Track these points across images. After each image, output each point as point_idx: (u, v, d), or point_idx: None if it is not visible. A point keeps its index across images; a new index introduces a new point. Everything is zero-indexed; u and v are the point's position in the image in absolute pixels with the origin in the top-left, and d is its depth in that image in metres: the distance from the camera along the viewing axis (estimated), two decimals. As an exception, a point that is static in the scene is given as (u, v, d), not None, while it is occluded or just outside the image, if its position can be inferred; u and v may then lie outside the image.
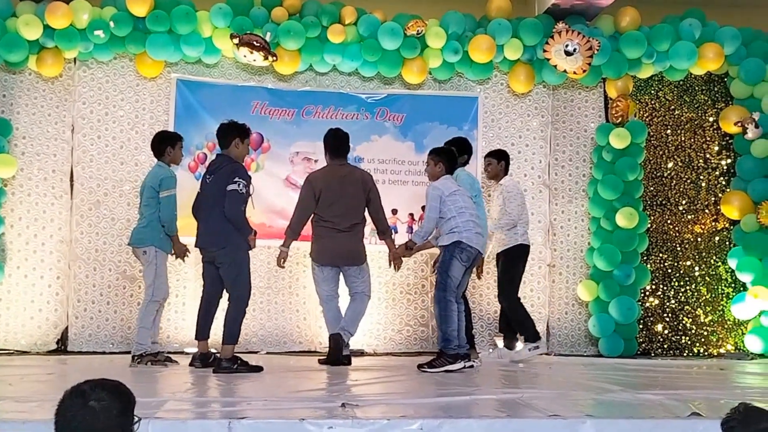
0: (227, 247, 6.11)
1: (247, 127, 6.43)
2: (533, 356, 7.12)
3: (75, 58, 7.93)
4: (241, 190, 6.06)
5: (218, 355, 6.20)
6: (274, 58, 7.70)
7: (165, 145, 6.61)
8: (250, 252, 6.26)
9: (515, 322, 7.27)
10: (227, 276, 6.16)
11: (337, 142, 6.95)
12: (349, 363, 6.61)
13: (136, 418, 2.56)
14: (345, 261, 6.83)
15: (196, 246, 6.40)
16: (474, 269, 6.78)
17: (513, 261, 7.24)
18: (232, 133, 6.29)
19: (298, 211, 6.89)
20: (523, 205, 7.29)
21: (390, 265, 6.97)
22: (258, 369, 6.04)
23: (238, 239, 6.14)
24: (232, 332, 6.08)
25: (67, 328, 7.86)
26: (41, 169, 7.93)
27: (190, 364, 6.25)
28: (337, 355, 6.56)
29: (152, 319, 6.49)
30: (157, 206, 6.43)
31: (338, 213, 6.74)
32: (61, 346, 7.84)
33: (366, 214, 6.93)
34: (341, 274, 6.92)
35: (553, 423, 3.72)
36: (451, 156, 6.59)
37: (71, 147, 7.98)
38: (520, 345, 7.34)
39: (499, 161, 7.45)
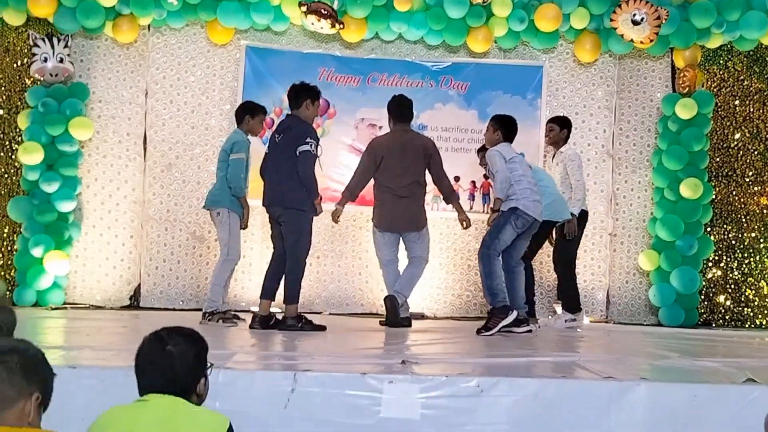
0: (293, 208, 6.20)
1: (318, 89, 6.50)
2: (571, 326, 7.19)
3: (149, 25, 8.16)
4: (313, 150, 6.14)
5: (279, 317, 6.32)
6: (341, 26, 7.82)
7: (245, 113, 6.76)
8: (314, 217, 6.36)
9: (562, 287, 7.39)
10: (288, 236, 6.25)
11: (400, 108, 7.01)
12: (410, 325, 6.75)
13: (209, 364, 2.75)
14: (405, 227, 6.91)
15: (263, 205, 6.52)
16: (547, 237, 6.98)
17: (576, 226, 7.31)
18: (304, 94, 6.35)
19: (357, 174, 7.02)
20: (581, 171, 7.38)
21: (462, 225, 7.06)
22: (321, 328, 6.20)
23: (304, 202, 6.21)
24: (293, 292, 6.22)
25: (139, 285, 8.18)
26: (116, 132, 8.21)
27: (251, 326, 6.24)
28: (394, 316, 6.64)
29: (226, 278, 6.65)
30: (227, 169, 6.59)
31: (399, 179, 6.81)
32: (134, 302, 8.17)
33: (429, 180, 7.00)
34: (401, 238, 7.02)
35: (608, 385, 3.82)
36: (510, 125, 6.63)
37: (144, 111, 8.23)
38: (559, 310, 7.48)
39: (561, 128, 7.50)
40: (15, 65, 8.21)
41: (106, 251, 8.14)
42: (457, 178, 8.19)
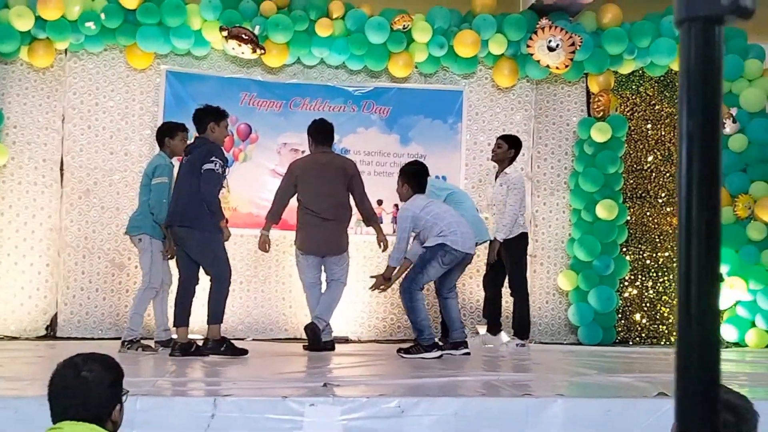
0: (196, 228, 5.97)
1: (222, 109, 6.31)
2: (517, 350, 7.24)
3: (66, 50, 8.03)
4: (217, 169, 5.95)
5: (200, 343, 6.18)
6: (262, 51, 7.84)
7: (163, 135, 6.65)
8: (228, 240, 6.22)
9: (519, 316, 7.26)
10: (202, 258, 6.08)
11: (320, 132, 6.94)
12: (333, 348, 6.74)
13: (125, 390, 2.71)
14: (327, 250, 6.86)
15: (166, 225, 6.28)
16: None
17: (518, 250, 7.30)
18: (206, 117, 6.22)
19: (276, 197, 6.94)
20: (524, 197, 7.40)
21: (379, 246, 7.04)
22: (244, 352, 6.11)
23: (209, 221, 6.00)
24: (216, 312, 6.09)
25: (56, 314, 7.98)
26: (32, 158, 8.03)
27: (171, 354, 6.02)
28: (317, 341, 6.62)
29: (146, 306, 6.52)
30: (149, 194, 6.47)
31: (320, 201, 6.75)
32: (51, 332, 7.96)
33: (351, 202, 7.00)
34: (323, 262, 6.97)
35: (526, 401, 3.89)
36: (416, 174, 6.56)
37: (62, 137, 8.08)
38: (505, 337, 7.45)
39: (509, 147, 7.36)
40: (-75, 90, 7.98)
41: (21, 280, 7.92)
42: (380, 202, 8.26)
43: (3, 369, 5.07)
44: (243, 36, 7.69)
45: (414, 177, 6.54)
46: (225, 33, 7.66)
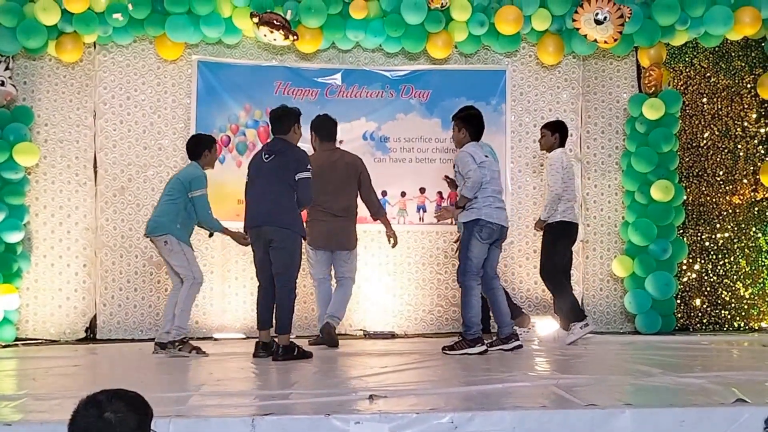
0: (287, 228, 5.91)
1: (299, 112, 6.33)
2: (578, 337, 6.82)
3: (95, 43, 7.85)
4: (311, 177, 6.03)
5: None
6: (295, 37, 7.53)
7: (202, 148, 6.49)
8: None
9: (562, 304, 6.94)
10: (279, 260, 5.91)
11: (325, 128, 6.98)
12: (336, 346, 6.68)
13: (152, 432, 2.45)
14: (338, 245, 6.90)
15: (250, 226, 6.02)
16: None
17: (552, 237, 6.96)
18: (292, 118, 6.17)
19: None
20: (569, 180, 6.97)
21: (389, 241, 7.04)
22: (309, 355, 5.95)
23: (298, 225, 6.04)
24: (285, 322, 5.89)
25: (95, 315, 7.83)
26: (64, 156, 7.87)
27: (254, 355, 5.94)
28: (333, 343, 6.67)
29: (192, 303, 6.35)
30: (177, 200, 6.29)
31: (331, 197, 6.79)
32: (90, 334, 7.82)
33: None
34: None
35: (590, 413, 3.56)
36: (474, 120, 6.33)
37: (94, 133, 7.92)
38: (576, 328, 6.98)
39: (553, 133, 7.08)
40: (-46, 90, 7.81)
41: (58, 282, 7.78)
42: (422, 190, 8.00)
43: (35, 383, 4.87)
44: (275, 22, 7.40)
45: (471, 122, 6.30)
46: (256, 19, 7.37)
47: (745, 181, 8.34)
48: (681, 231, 8.18)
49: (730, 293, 8.27)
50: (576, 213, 7.13)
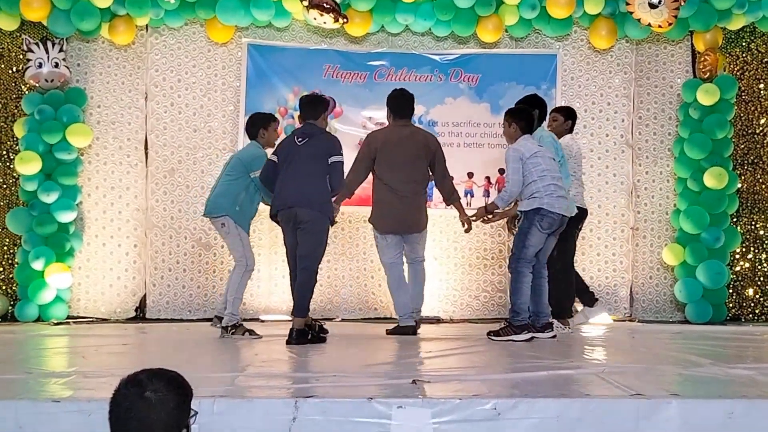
0: (319, 211, 5.87)
1: (330, 100, 6.38)
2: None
3: (147, 25, 7.92)
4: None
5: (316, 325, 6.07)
6: (345, 20, 7.51)
7: (258, 126, 6.44)
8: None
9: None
10: (306, 241, 5.86)
11: (400, 102, 6.61)
12: (415, 333, 6.43)
13: (192, 412, 2.47)
14: (409, 228, 6.52)
15: (280, 208, 5.96)
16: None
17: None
18: (322, 107, 6.16)
19: (353, 169, 6.54)
20: (579, 166, 6.86)
21: (463, 226, 6.64)
22: (323, 340, 5.96)
23: (329, 208, 5.96)
24: (303, 304, 5.87)
25: (145, 295, 7.95)
26: (116, 138, 7.99)
27: (288, 342, 5.79)
28: (414, 332, 6.40)
29: (244, 290, 6.33)
30: (238, 180, 6.24)
31: (398, 176, 6.42)
32: (140, 314, 7.94)
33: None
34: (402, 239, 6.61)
35: (636, 403, 3.50)
36: (527, 115, 6.25)
37: (145, 115, 8.02)
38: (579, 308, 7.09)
39: (566, 119, 6.96)
40: (10, 72, 7.98)
41: (110, 262, 7.92)
42: (470, 174, 7.94)
43: (84, 361, 4.96)
44: (324, 5, 7.38)
45: (522, 116, 6.18)
46: (306, 2, 7.36)
47: (801, 169, 8.14)
48: (734, 219, 8.02)
49: (784, 284, 8.10)
50: (584, 199, 6.96)
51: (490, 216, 6.34)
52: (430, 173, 6.61)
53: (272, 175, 6.05)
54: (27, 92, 7.81)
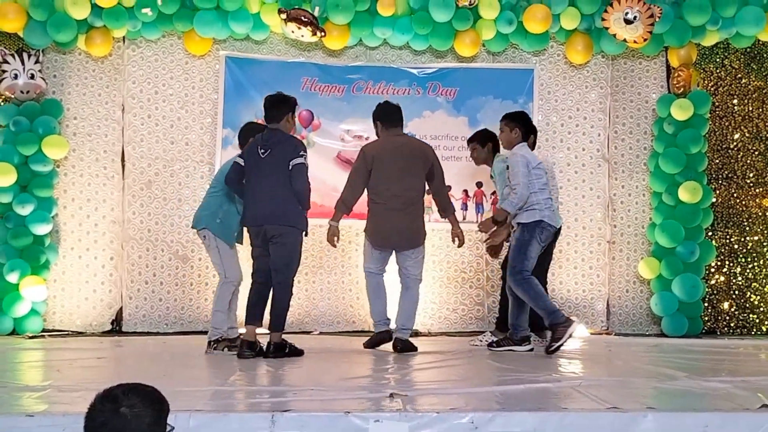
0: (292, 226, 5.76)
1: (295, 100, 6.07)
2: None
3: (124, 37, 7.89)
4: (306, 163, 5.78)
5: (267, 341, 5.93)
6: (323, 34, 7.52)
7: (241, 138, 6.35)
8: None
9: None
10: (280, 256, 5.76)
11: (388, 113, 6.46)
12: (391, 339, 6.33)
13: (169, 427, 2.45)
14: (402, 244, 6.33)
15: (249, 224, 5.91)
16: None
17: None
18: (285, 106, 5.93)
19: (349, 184, 6.41)
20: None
21: (453, 241, 6.59)
22: (301, 353, 5.87)
23: (300, 220, 5.81)
24: (281, 320, 5.81)
25: (121, 308, 7.88)
26: (93, 150, 7.93)
27: (239, 355, 5.76)
28: (411, 347, 6.26)
29: (227, 302, 6.22)
30: (220, 192, 6.20)
31: (394, 187, 6.24)
32: (116, 327, 7.87)
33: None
34: (395, 252, 6.46)
35: (612, 416, 3.53)
36: (527, 120, 6.22)
37: (122, 127, 7.97)
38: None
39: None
40: (-15, 83, 7.89)
41: (86, 274, 7.84)
42: (448, 188, 7.91)
43: (59, 375, 4.92)
44: (302, 18, 7.40)
45: (524, 121, 6.19)
46: (284, 15, 7.38)
47: (775, 184, 8.24)
48: (709, 233, 8.08)
49: (758, 297, 8.16)
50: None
51: (495, 228, 6.23)
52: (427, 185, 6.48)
53: (236, 177, 5.97)
54: (2, 103, 7.75)
